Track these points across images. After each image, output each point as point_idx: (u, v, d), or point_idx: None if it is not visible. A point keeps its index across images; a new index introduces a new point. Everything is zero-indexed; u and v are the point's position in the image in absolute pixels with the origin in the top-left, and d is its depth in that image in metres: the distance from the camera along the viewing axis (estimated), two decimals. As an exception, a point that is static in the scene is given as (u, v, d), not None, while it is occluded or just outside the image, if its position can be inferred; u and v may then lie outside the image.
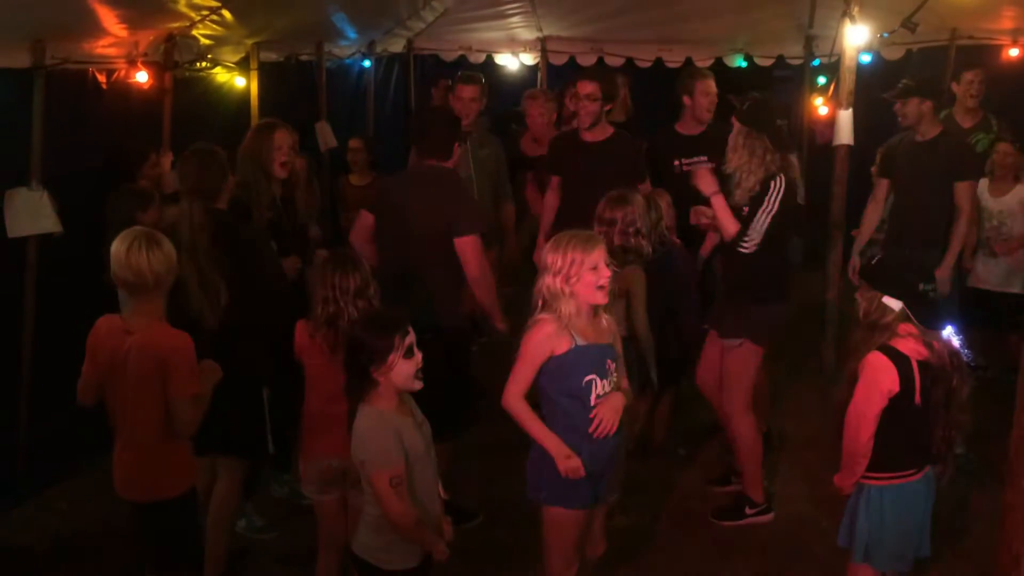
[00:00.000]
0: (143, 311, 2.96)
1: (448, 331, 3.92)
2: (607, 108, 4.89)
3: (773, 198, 3.87)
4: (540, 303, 3.00)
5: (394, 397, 2.83)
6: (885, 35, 6.25)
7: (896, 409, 2.91)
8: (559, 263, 2.92)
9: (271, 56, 6.73)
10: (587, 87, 4.82)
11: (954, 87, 6.21)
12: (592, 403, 3.00)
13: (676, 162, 5.22)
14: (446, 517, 2.96)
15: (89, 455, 4.11)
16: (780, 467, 4.80)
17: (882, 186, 5.31)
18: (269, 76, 6.64)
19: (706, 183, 4.02)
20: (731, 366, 4.16)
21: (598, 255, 2.95)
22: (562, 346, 2.96)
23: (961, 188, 4.85)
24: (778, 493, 4.51)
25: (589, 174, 4.81)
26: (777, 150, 3.92)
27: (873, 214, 5.38)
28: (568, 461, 2.97)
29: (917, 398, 2.89)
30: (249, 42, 6.35)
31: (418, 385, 2.84)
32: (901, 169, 5.12)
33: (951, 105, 6.22)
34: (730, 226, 3.98)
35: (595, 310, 3.04)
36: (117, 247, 2.90)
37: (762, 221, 3.89)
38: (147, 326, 2.94)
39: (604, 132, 4.93)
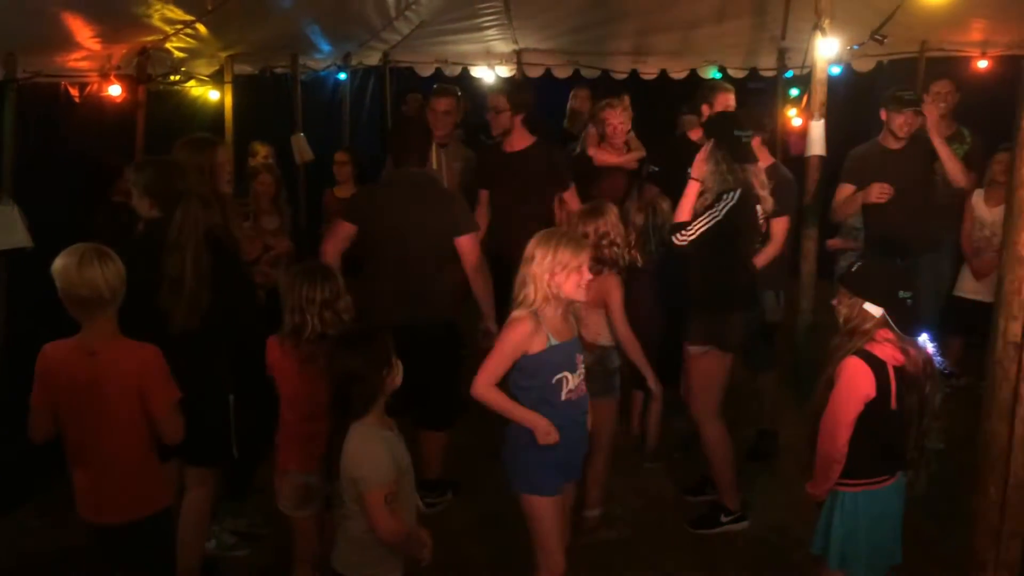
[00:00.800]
0: (102, 329, 2.85)
1: (452, 327, 4.33)
2: (518, 116, 4.95)
3: (721, 208, 3.96)
4: (519, 295, 3.10)
5: (381, 412, 2.84)
6: (855, 47, 6.32)
7: (872, 414, 2.93)
8: (549, 259, 3.04)
9: (246, 69, 6.73)
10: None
11: (925, 98, 6.25)
12: (563, 398, 3.13)
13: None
14: (423, 528, 2.98)
15: (60, 472, 4.05)
16: (757, 474, 4.83)
17: (844, 191, 5.35)
18: (243, 89, 6.63)
19: (696, 167, 4.08)
20: (697, 373, 4.21)
21: (586, 256, 3.11)
22: (537, 345, 3.08)
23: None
24: (755, 501, 4.54)
25: (513, 184, 4.89)
26: (736, 161, 4.00)
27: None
28: (548, 437, 3.10)
29: (893, 403, 2.92)
30: (223, 55, 6.34)
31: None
32: (879, 178, 5.15)
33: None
34: (684, 213, 4.07)
35: (567, 308, 3.17)
36: (66, 263, 2.78)
37: (703, 222, 3.97)
38: (111, 344, 2.86)
39: (524, 141, 4.98)
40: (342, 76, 8.24)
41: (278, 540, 3.87)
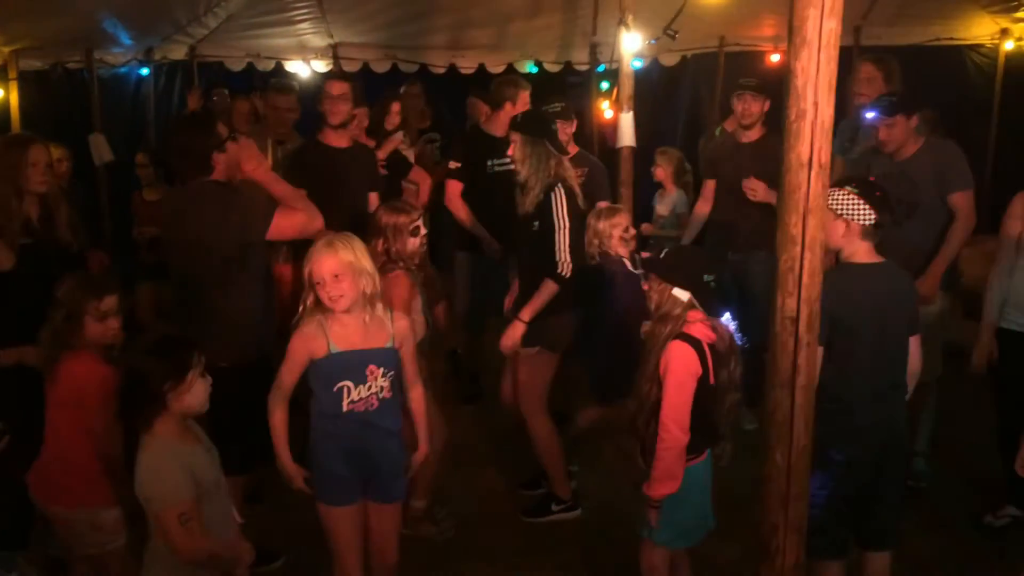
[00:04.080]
0: None
1: (245, 357, 3.57)
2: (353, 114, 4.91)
3: (561, 213, 3.96)
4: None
5: (179, 424, 2.70)
6: (652, 42, 6.58)
7: (698, 392, 3.04)
8: (306, 275, 3.01)
9: (34, 64, 6.29)
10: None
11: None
12: (344, 409, 3.04)
13: (488, 162, 5.32)
14: (245, 539, 2.89)
15: None
16: (582, 460, 4.95)
17: (709, 187, 5.53)
18: (33, 86, 6.22)
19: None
20: (526, 372, 4.25)
21: (330, 266, 2.97)
22: (319, 351, 3.02)
23: None
24: (582, 485, 4.65)
25: (335, 181, 4.67)
26: (559, 152, 4.06)
27: (701, 213, 5.58)
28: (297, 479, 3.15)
29: (711, 379, 3.07)
30: (7, 49, 5.92)
31: (206, 406, 2.74)
32: (730, 172, 5.31)
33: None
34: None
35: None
36: None
37: (563, 242, 3.98)
38: None
39: (348, 138, 4.91)
40: (144, 72, 7.80)
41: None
